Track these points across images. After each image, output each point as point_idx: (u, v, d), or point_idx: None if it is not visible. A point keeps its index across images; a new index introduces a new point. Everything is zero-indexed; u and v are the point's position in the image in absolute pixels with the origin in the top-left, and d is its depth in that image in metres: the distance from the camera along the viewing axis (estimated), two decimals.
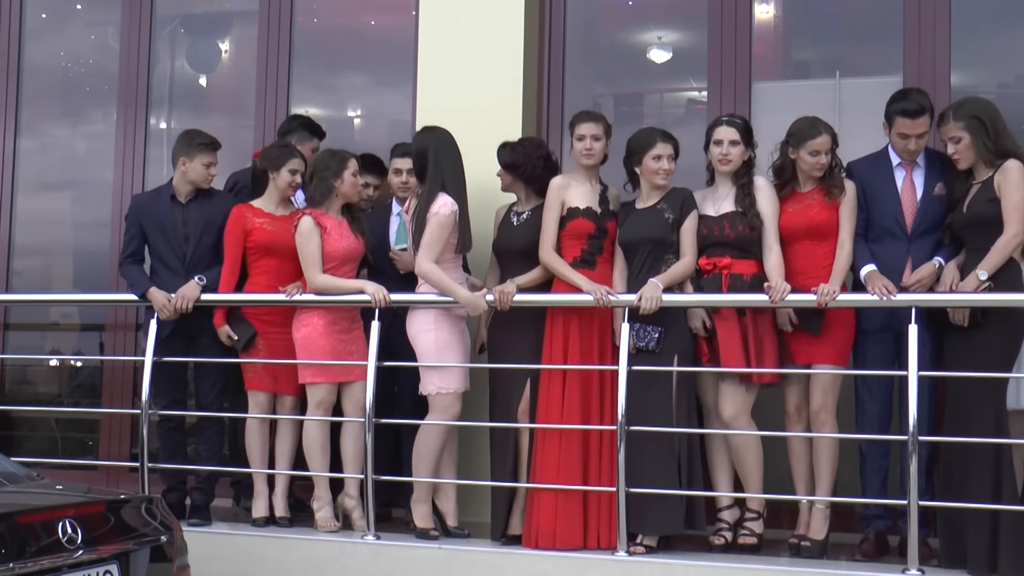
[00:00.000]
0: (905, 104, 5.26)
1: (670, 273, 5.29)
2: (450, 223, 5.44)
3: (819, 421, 5.27)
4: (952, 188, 5.21)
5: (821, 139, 5.23)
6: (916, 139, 5.25)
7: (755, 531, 5.26)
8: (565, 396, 5.37)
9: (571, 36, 6.74)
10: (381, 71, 7.48)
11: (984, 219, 5.02)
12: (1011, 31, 6.37)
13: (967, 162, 5.09)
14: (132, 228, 6.13)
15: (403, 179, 6.02)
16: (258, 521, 5.82)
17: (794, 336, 5.29)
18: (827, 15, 6.66)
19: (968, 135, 5.04)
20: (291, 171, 5.91)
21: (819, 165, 5.26)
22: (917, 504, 4.80)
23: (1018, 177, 4.96)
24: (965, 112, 5.07)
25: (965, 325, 4.99)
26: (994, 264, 4.95)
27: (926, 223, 5.25)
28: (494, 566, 5.30)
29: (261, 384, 5.87)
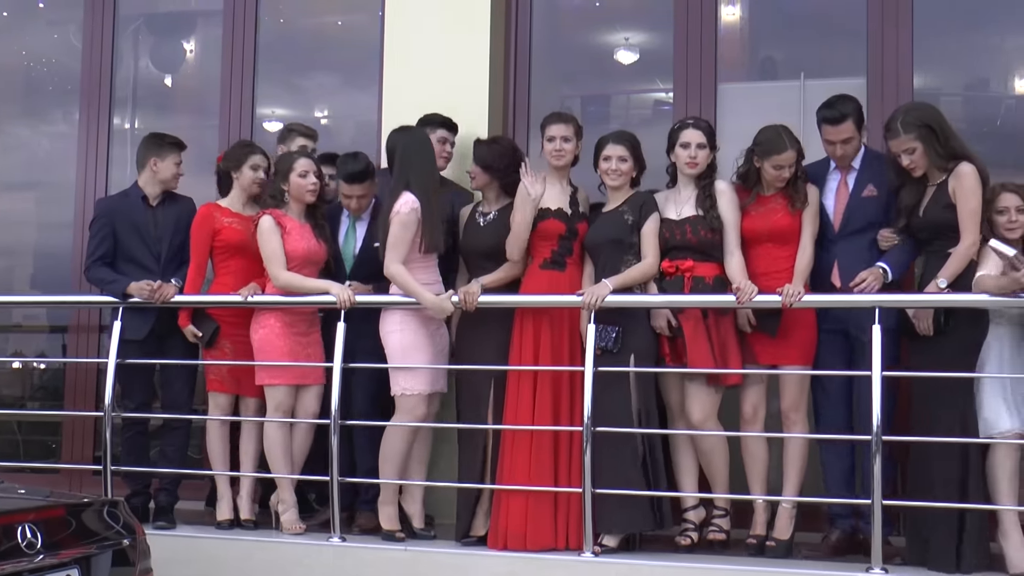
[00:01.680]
0: (827, 112, 5.33)
1: (626, 274, 5.31)
2: (412, 221, 5.41)
3: (790, 421, 5.30)
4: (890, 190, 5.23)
5: (786, 155, 5.25)
6: (841, 144, 5.31)
7: (723, 528, 5.29)
8: (536, 397, 5.37)
9: (538, 37, 6.75)
10: (348, 72, 7.47)
11: (941, 225, 5.06)
12: (971, 34, 6.43)
13: (922, 170, 5.11)
14: (102, 231, 6.04)
15: (355, 204, 5.88)
16: (223, 524, 5.79)
17: (756, 337, 5.31)
18: (792, 17, 6.70)
19: (920, 144, 5.04)
20: (252, 167, 5.89)
21: (782, 178, 5.30)
22: (880, 503, 4.81)
23: (971, 182, 5.00)
24: (914, 121, 5.04)
25: (931, 334, 5.02)
26: (953, 272, 4.99)
27: (853, 225, 5.29)
28: (459, 568, 5.30)
29: (223, 386, 5.84)
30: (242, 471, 5.83)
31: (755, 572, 4.98)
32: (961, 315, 4.99)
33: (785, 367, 5.28)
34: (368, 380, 5.72)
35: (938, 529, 4.90)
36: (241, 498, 5.83)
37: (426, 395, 5.49)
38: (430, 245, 5.47)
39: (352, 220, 5.97)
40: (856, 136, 5.33)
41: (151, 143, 6.10)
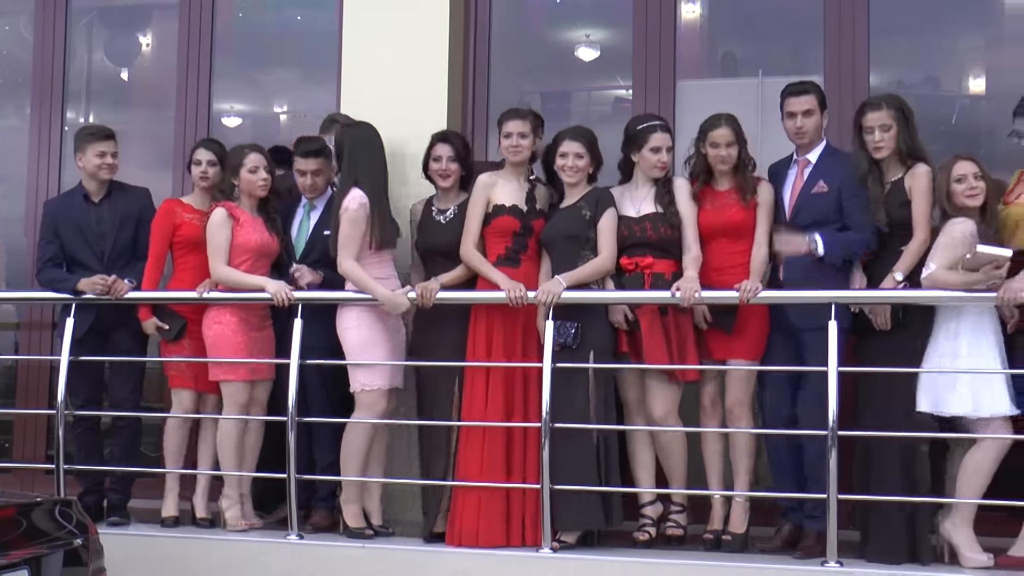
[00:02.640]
0: (792, 86, 5.40)
1: (581, 270, 5.31)
2: (360, 217, 5.40)
3: (734, 416, 5.34)
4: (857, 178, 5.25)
5: (720, 131, 5.30)
6: (802, 116, 5.33)
7: (680, 523, 5.31)
8: (489, 394, 5.36)
9: (498, 33, 6.73)
10: (307, 67, 7.43)
11: (897, 222, 5.13)
12: (926, 34, 6.50)
13: (888, 151, 5.17)
14: (47, 234, 6.01)
15: (308, 181, 5.89)
16: (167, 521, 5.76)
17: (710, 333, 5.34)
18: (751, 14, 6.73)
19: (895, 125, 5.15)
20: (195, 162, 5.89)
21: (719, 157, 5.32)
22: (836, 498, 4.84)
23: (925, 183, 5.09)
24: (894, 103, 5.19)
25: (888, 327, 5.07)
26: (908, 266, 5.06)
27: (801, 220, 5.30)
28: (418, 565, 5.28)
29: (184, 383, 5.79)
30: (199, 469, 5.79)
31: (712, 567, 5.01)
32: (915, 309, 5.04)
33: (735, 362, 5.31)
34: (325, 376, 5.69)
35: (890, 522, 4.94)
36: (197, 496, 5.80)
37: (386, 390, 5.47)
38: (380, 241, 5.44)
39: (306, 211, 5.95)
40: (817, 112, 5.36)
41: (75, 137, 6.09)
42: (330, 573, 5.33)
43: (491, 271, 5.40)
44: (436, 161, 5.62)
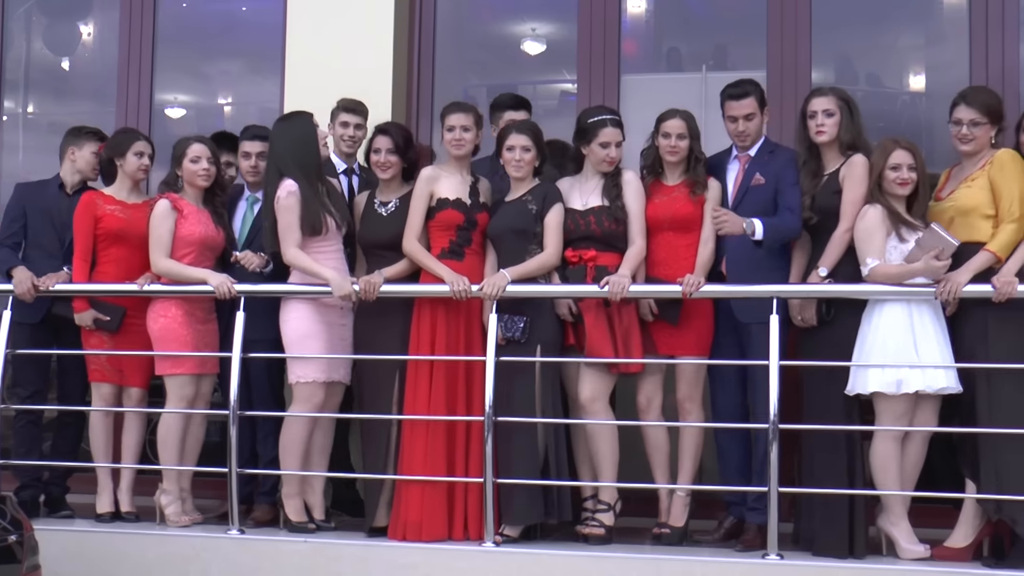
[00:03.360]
0: (731, 89, 5.45)
1: (526, 265, 5.31)
2: (292, 204, 5.39)
3: (684, 410, 5.36)
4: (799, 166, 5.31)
5: (673, 122, 5.34)
6: (743, 120, 5.39)
7: (604, 523, 5.27)
8: (432, 387, 5.35)
9: (443, 26, 6.73)
10: (251, 58, 7.38)
11: (827, 211, 5.17)
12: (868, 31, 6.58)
13: (829, 137, 5.22)
14: (11, 214, 6.03)
15: (252, 163, 5.92)
16: (103, 517, 5.70)
17: (655, 326, 5.36)
18: (696, 10, 6.78)
19: (840, 114, 5.20)
20: (136, 154, 5.81)
21: (670, 147, 5.35)
22: (777, 491, 4.88)
23: (861, 172, 5.12)
24: (842, 94, 5.26)
25: (815, 323, 5.12)
26: (832, 259, 5.11)
27: (742, 212, 5.31)
28: (360, 559, 5.25)
29: (106, 376, 5.74)
30: (123, 463, 5.75)
31: (652, 560, 5.03)
32: (843, 303, 5.09)
33: (682, 357, 5.34)
34: (269, 370, 5.65)
35: (829, 515, 4.99)
36: (122, 491, 5.74)
37: (322, 383, 5.45)
38: (308, 227, 5.40)
39: (250, 203, 5.92)
40: (758, 114, 5.42)
41: (70, 133, 6.10)
42: (272, 568, 5.29)
43: (435, 264, 5.39)
44: (376, 153, 5.60)
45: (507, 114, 5.86)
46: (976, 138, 5.10)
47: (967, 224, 5.05)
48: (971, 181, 5.10)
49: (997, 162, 5.05)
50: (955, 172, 5.26)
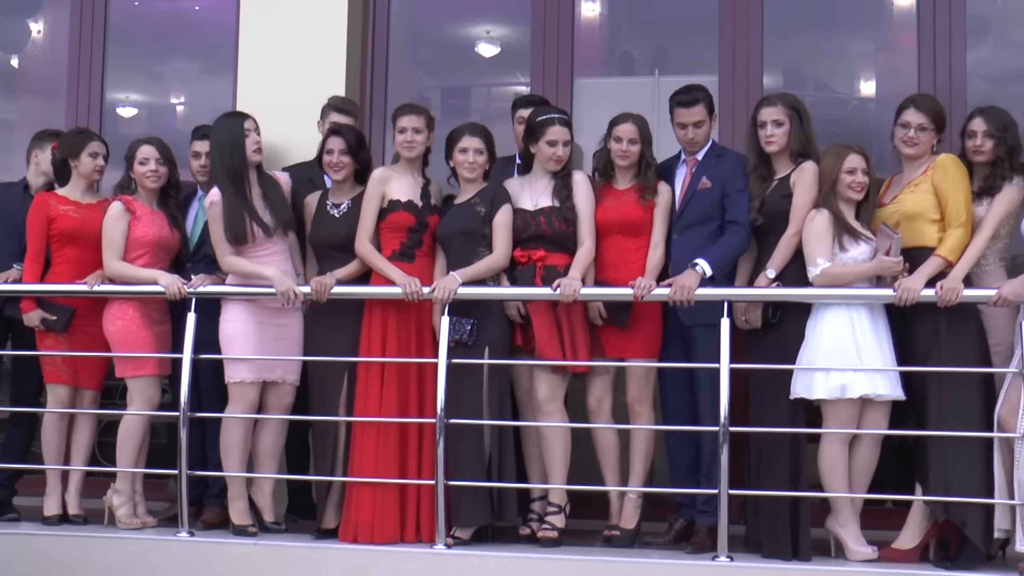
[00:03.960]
0: (681, 96, 5.47)
1: (475, 267, 5.32)
2: (216, 214, 5.44)
3: (635, 413, 5.38)
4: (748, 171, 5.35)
5: (625, 127, 5.37)
6: (692, 127, 5.43)
7: (556, 525, 5.28)
8: (384, 389, 5.34)
9: (397, 28, 6.72)
10: (204, 57, 7.34)
11: (776, 214, 5.22)
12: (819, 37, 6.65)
13: (779, 146, 5.27)
14: None
15: (202, 162, 5.92)
16: (50, 519, 5.65)
17: (604, 329, 5.37)
18: (649, 14, 6.82)
19: (789, 123, 5.25)
20: (91, 155, 5.77)
21: (621, 152, 5.37)
22: (727, 493, 4.91)
23: (811, 178, 5.17)
24: (791, 101, 5.30)
25: (759, 326, 5.17)
26: (780, 262, 5.15)
27: (687, 219, 5.39)
28: (311, 561, 5.23)
29: (61, 378, 5.69)
30: (73, 464, 5.69)
31: (603, 562, 5.04)
32: (789, 306, 5.13)
33: (631, 359, 5.36)
34: (216, 372, 5.62)
35: (773, 517, 5.02)
36: (70, 493, 5.69)
37: (252, 383, 5.42)
38: (231, 236, 5.41)
39: (202, 203, 5.88)
40: (707, 121, 5.45)
41: (35, 136, 6.12)
42: (221, 570, 5.25)
43: (386, 266, 5.38)
44: (328, 154, 5.58)
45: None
46: (921, 143, 5.17)
47: (913, 229, 5.11)
48: (915, 186, 5.16)
49: (940, 167, 5.11)
50: (897, 178, 5.33)
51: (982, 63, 6.35)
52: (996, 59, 6.51)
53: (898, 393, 4.99)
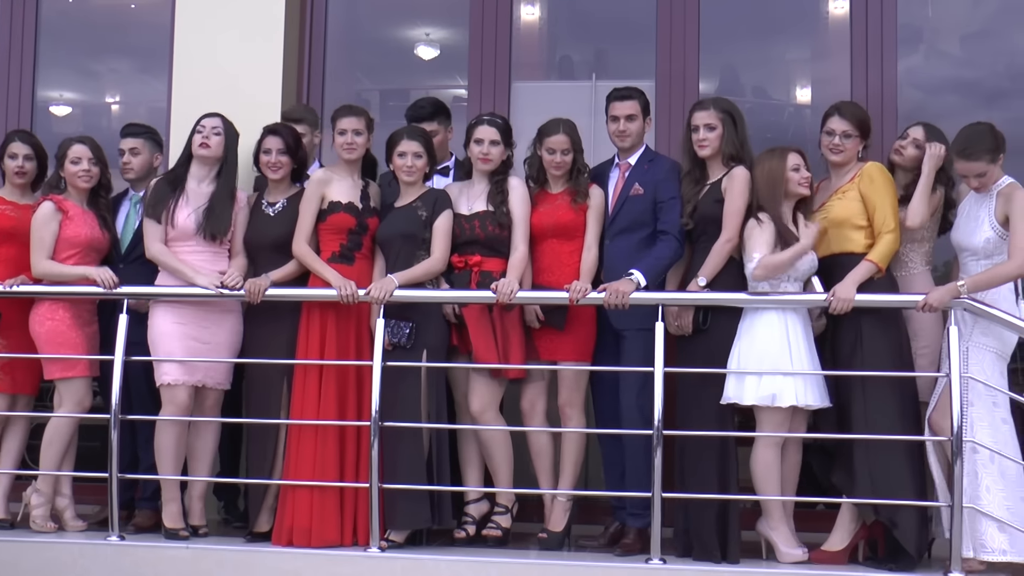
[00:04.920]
0: (616, 91, 5.53)
1: (413, 270, 5.32)
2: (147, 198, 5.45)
3: (566, 416, 5.40)
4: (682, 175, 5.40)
5: (557, 137, 5.39)
6: (625, 120, 5.46)
7: (501, 525, 5.32)
8: (322, 392, 5.31)
9: (336, 29, 6.70)
10: (140, 57, 7.25)
11: (708, 219, 5.26)
12: (756, 44, 6.72)
13: (711, 151, 5.31)
14: None
15: (125, 159, 5.89)
16: None
17: (538, 333, 5.39)
18: (588, 19, 6.85)
19: (722, 127, 5.29)
20: (11, 156, 5.72)
21: (555, 163, 5.40)
22: (660, 496, 4.94)
23: (742, 185, 5.22)
24: (725, 106, 5.34)
25: (689, 333, 5.21)
26: (712, 269, 5.19)
27: (619, 224, 5.43)
28: (244, 565, 5.19)
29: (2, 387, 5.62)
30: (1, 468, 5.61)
31: (537, 565, 5.06)
32: (719, 311, 5.18)
33: (563, 362, 5.38)
34: (147, 373, 5.56)
35: (701, 520, 5.06)
36: None
37: (183, 385, 5.37)
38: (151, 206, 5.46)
39: (133, 203, 5.85)
40: (639, 117, 5.49)
41: None
42: (152, 575, 5.19)
43: (324, 268, 5.35)
44: (266, 154, 5.55)
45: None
46: (846, 149, 5.25)
47: (840, 235, 5.19)
48: (842, 193, 5.24)
49: (867, 175, 5.20)
50: (824, 185, 5.40)
51: (913, 72, 6.46)
52: (927, 68, 6.62)
53: (826, 401, 5.06)
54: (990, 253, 5.02)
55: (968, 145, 5.01)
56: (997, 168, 5.06)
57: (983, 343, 4.95)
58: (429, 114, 5.88)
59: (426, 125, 5.75)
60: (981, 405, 4.91)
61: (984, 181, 5.05)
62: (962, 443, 4.78)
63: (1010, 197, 4.98)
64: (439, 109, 5.94)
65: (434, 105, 5.95)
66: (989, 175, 5.04)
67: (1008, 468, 4.88)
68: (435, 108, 5.93)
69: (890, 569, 4.94)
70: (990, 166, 5.02)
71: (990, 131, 5.06)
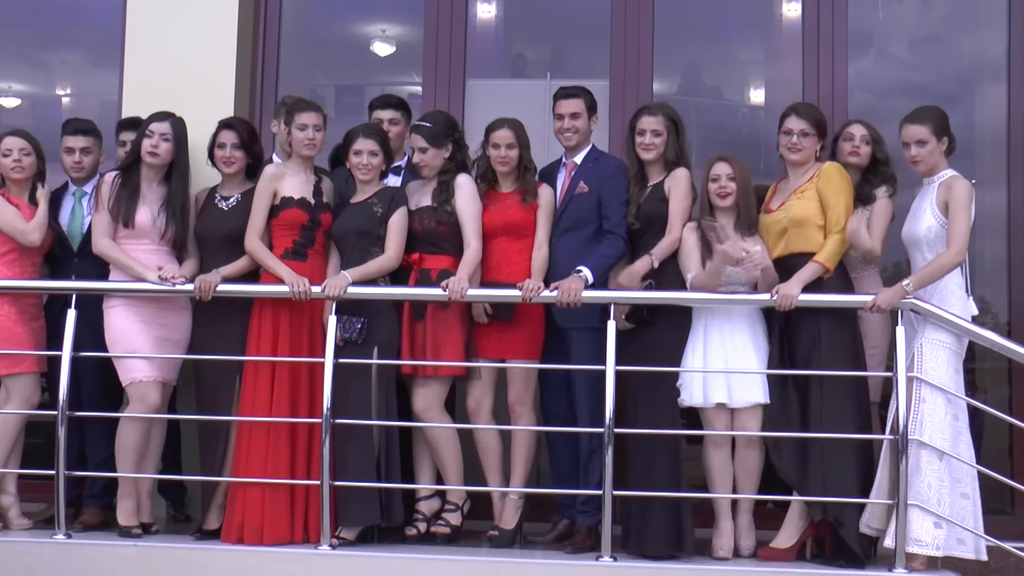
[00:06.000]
0: (562, 89, 5.58)
1: (366, 266, 5.31)
2: (104, 194, 5.39)
3: (516, 414, 5.41)
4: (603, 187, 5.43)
5: (501, 132, 5.43)
6: (569, 118, 5.51)
7: (451, 522, 5.31)
8: (274, 389, 5.29)
9: (291, 23, 6.66)
10: (91, 48, 7.18)
11: (652, 218, 5.34)
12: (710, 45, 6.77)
13: (656, 155, 5.39)
14: None
15: (76, 158, 5.80)
16: None
17: (486, 331, 5.40)
18: (543, 17, 6.88)
19: (667, 134, 5.37)
20: None
21: (499, 158, 5.43)
22: (611, 493, 4.96)
23: (685, 185, 5.33)
24: (669, 112, 5.42)
25: (630, 326, 5.25)
26: (661, 255, 5.25)
27: (566, 222, 5.46)
28: (194, 563, 5.15)
29: None
30: None
31: (487, 562, 5.06)
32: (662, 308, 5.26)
33: (512, 360, 5.39)
34: (98, 369, 5.51)
35: (649, 518, 5.10)
36: None
37: (154, 381, 5.34)
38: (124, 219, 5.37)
39: (77, 198, 5.79)
40: (584, 115, 5.52)
41: None
42: (101, 573, 5.14)
43: (276, 264, 5.33)
44: (220, 148, 5.52)
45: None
46: (804, 148, 5.31)
47: (801, 235, 5.23)
48: (801, 193, 5.29)
49: (824, 175, 5.25)
50: (782, 185, 5.46)
51: (864, 75, 6.54)
52: (877, 71, 6.70)
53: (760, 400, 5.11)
54: (932, 242, 5.10)
55: (917, 111, 5.16)
56: (940, 154, 5.16)
57: (936, 339, 5.01)
58: (395, 103, 5.90)
59: (389, 112, 5.78)
60: (933, 401, 4.97)
61: (923, 155, 5.13)
62: (907, 442, 4.84)
63: (951, 187, 5.08)
64: (401, 103, 5.96)
65: (399, 99, 5.99)
66: (929, 152, 5.12)
67: (954, 465, 4.95)
68: (400, 102, 5.97)
69: (840, 566, 4.99)
70: (932, 138, 5.12)
71: (945, 114, 5.18)
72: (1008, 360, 5.74)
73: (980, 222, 5.55)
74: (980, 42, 6.54)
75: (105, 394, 5.60)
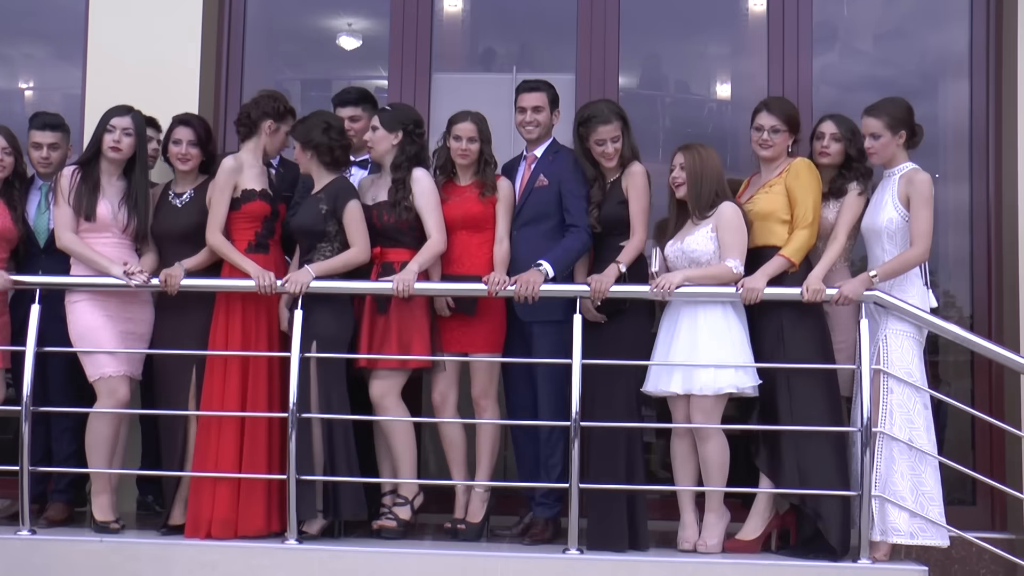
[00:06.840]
0: (525, 83, 5.61)
1: (331, 262, 5.30)
2: (64, 187, 5.36)
3: (480, 407, 5.42)
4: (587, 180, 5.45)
5: (463, 125, 5.43)
6: (531, 111, 5.52)
7: (400, 516, 5.30)
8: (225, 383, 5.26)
9: (256, 17, 6.64)
10: (54, 42, 7.10)
11: (614, 220, 5.36)
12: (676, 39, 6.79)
13: (616, 160, 5.40)
14: None
15: (44, 154, 5.74)
16: None
17: (446, 325, 5.39)
18: (510, 11, 6.88)
19: (623, 136, 5.38)
20: None
21: (460, 150, 5.43)
22: (578, 487, 4.98)
23: (642, 182, 5.36)
24: (619, 112, 5.43)
25: (603, 319, 5.27)
26: (629, 259, 5.28)
27: (526, 215, 5.48)
28: (158, 558, 5.13)
29: None
30: None
31: (453, 556, 5.06)
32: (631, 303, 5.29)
33: (475, 354, 5.39)
34: (64, 364, 5.48)
35: (613, 509, 5.12)
36: None
37: (123, 376, 5.31)
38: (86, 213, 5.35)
39: (43, 191, 5.74)
40: (546, 109, 5.54)
41: None
42: (65, 569, 5.11)
43: (241, 259, 5.30)
44: (176, 144, 5.48)
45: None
46: (775, 144, 5.34)
47: (765, 228, 5.28)
48: (769, 187, 5.32)
49: (793, 170, 5.28)
50: (754, 179, 5.51)
51: (828, 70, 6.57)
52: (842, 66, 6.74)
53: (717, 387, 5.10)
54: (892, 234, 5.15)
55: (875, 104, 5.23)
56: (897, 147, 5.22)
57: (899, 329, 5.07)
58: (354, 99, 5.89)
59: (350, 110, 5.78)
60: (901, 392, 5.02)
61: (877, 148, 5.19)
62: (871, 434, 4.88)
63: (912, 180, 5.13)
64: (364, 97, 5.94)
65: (360, 92, 5.98)
66: (883, 145, 5.18)
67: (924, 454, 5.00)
68: (360, 95, 5.95)
69: (807, 557, 5.02)
70: (886, 132, 5.17)
71: (906, 107, 5.24)
72: (970, 353, 5.81)
73: (943, 216, 5.62)
74: (943, 37, 6.58)
75: (74, 389, 5.55)
